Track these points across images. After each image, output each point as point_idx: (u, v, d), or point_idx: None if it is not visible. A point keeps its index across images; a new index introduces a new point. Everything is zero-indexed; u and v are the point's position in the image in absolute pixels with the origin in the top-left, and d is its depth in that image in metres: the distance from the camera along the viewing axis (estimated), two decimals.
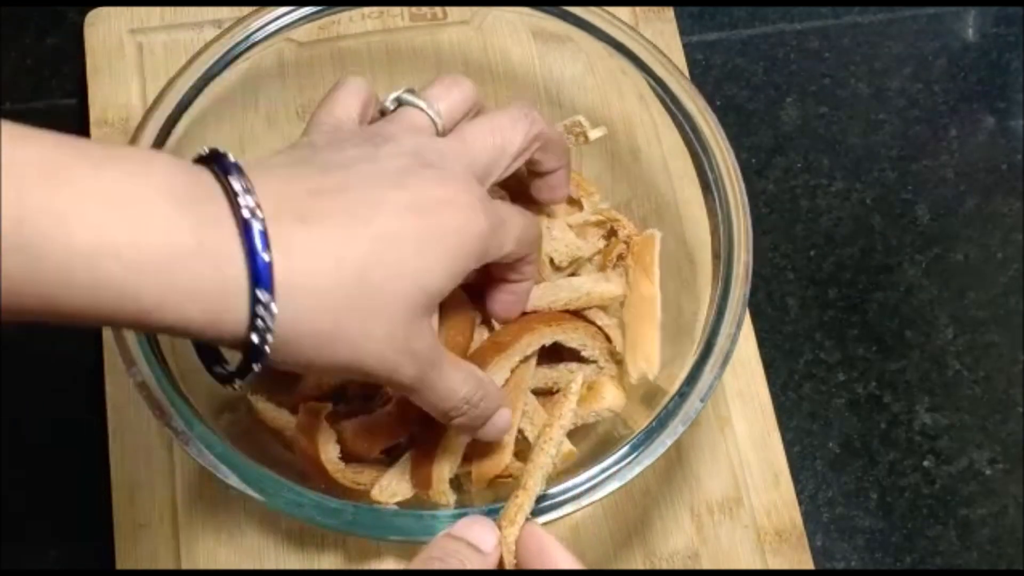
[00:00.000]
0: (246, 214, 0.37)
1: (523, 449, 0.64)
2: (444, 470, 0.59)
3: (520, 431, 0.63)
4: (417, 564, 0.43)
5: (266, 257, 0.37)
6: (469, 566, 0.43)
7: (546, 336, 0.61)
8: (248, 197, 0.37)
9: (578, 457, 0.62)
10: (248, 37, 0.64)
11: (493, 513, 0.53)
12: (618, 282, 0.67)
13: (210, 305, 0.36)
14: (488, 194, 0.51)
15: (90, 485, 0.71)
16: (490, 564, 0.44)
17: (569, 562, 0.45)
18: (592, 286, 0.64)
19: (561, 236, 0.68)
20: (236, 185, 0.37)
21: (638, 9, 0.83)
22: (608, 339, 0.65)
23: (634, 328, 0.65)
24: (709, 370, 0.57)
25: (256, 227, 0.36)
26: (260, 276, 0.36)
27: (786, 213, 0.83)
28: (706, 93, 0.67)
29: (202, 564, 0.67)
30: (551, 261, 0.68)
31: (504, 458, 0.61)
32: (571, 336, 0.62)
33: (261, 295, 0.36)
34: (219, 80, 0.64)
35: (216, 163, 0.38)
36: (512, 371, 0.60)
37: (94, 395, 0.72)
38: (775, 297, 0.80)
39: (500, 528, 0.47)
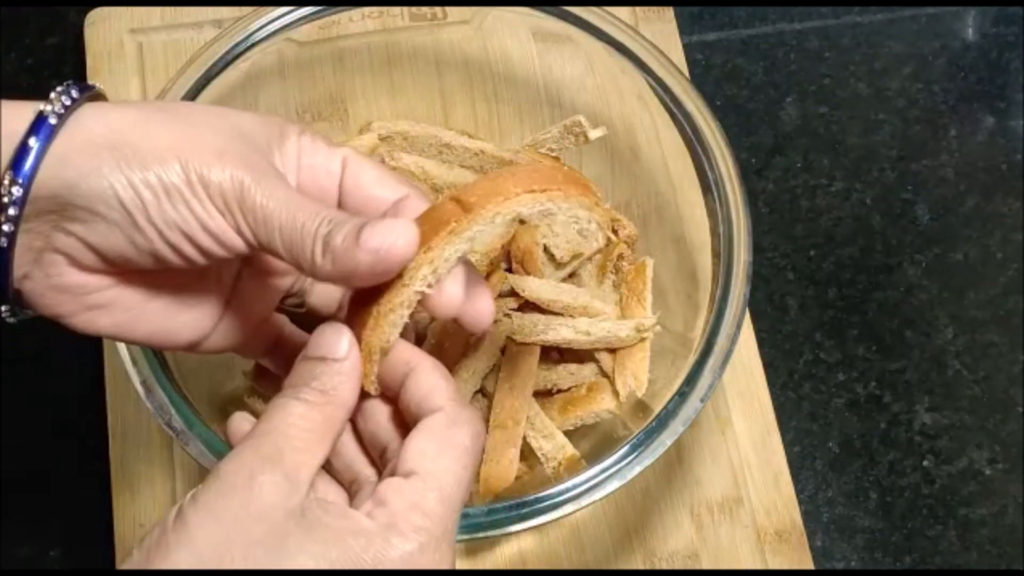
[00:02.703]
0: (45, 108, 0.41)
1: (528, 456, 0.64)
2: None
3: (524, 439, 0.63)
4: (280, 396, 0.41)
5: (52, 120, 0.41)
6: (328, 383, 0.41)
7: (523, 204, 0.43)
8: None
9: (578, 457, 0.62)
10: (248, 37, 0.64)
11: (495, 512, 0.53)
12: (611, 299, 0.67)
13: None
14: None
15: (90, 485, 0.71)
16: (349, 369, 0.42)
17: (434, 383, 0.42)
18: (589, 325, 0.64)
19: (562, 232, 0.68)
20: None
21: (638, 9, 0.83)
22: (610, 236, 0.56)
23: (624, 348, 0.65)
24: (709, 370, 0.57)
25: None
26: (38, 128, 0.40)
27: (786, 213, 0.83)
28: (706, 93, 0.67)
29: None
30: (552, 258, 0.68)
31: (511, 473, 0.61)
32: (557, 205, 0.44)
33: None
34: (219, 80, 0.64)
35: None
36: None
37: (94, 395, 0.72)
38: (775, 297, 0.80)
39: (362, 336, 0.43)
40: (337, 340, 0.42)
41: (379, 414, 0.44)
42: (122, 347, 0.56)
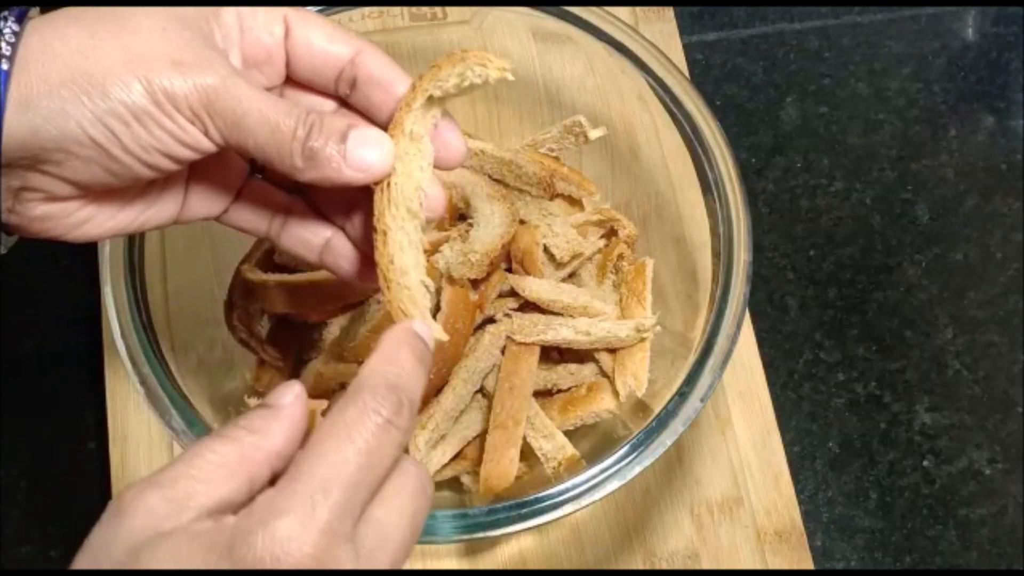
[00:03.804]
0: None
1: (528, 456, 0.64)
2: None
3: (524, 439, 0.63)
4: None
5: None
6: (254, 423, 0.38)
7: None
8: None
9: (578, 457, 0.62)
10: None
11: (495, 512, 0.53)
12: (611, 299, 0.67)
13: None
14: None
15: (90, 485, 0.71)
16: (284, 416, 0.38)
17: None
18: (589, 325, 0.64)
19: (562, 232, 0.68)
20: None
21: (638, 9, 0.83)
22: None
23: (624, 348, 0.65)
24: (709, 370, 0.57)
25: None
26: None
27: (786, 213, 0.83)
28: (706, 93, 0.67)
29: None
30: (552, 258, 0.68)
31: (511, 473, 0.61)
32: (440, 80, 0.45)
33: None
34: None
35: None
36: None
37: (94, 395, 0.72)
38: (775, 297, 0.80)
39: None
40: (284, 391, 0.40)
41: None
42: (122, 347, 0.56)
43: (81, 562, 0.36)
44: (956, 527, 0.74)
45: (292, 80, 0.46)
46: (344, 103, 0.46)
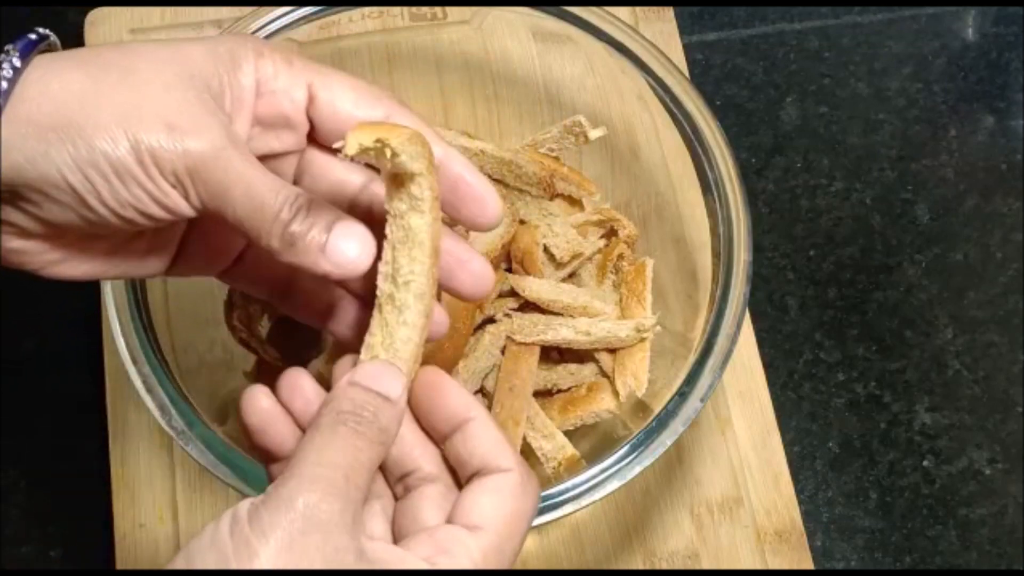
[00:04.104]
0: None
1: (528, 456, 0.64)
2: None
3: (524, 438, 0.63)
4: (330, 418, 0.40)
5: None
6: (383, 420, 0.40)
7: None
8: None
9: (578, 457, 0.62)
10: None
11: None
12: (611, 299, 0.67)
13: None
14: None
15: (90, 485, 0.71)
16: (400, 414, 0.41)
17: (464, 399, 0.42)
18: (589, 325, 0.64)
19: (562, 232, 0.68)
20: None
21: (638, 9, 0.83)
22: None
23: (624, 348, 0.65)
24: (709, 370, 0.57)
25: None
26: None
27: (786, 213, 0.83)
28: (706, 93, 0.67)
29: None
30: (552, 258, 0.68)
31: None
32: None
33: None
34: None
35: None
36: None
37: (94, 395, 0.72)
38: (775, 297, 0.80)
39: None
40: (395, 381, 0.41)
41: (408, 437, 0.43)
42: (122, 346, 0.56)
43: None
44: (956, 527, 0.74)
45: (322, 146, 0.45)
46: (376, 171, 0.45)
